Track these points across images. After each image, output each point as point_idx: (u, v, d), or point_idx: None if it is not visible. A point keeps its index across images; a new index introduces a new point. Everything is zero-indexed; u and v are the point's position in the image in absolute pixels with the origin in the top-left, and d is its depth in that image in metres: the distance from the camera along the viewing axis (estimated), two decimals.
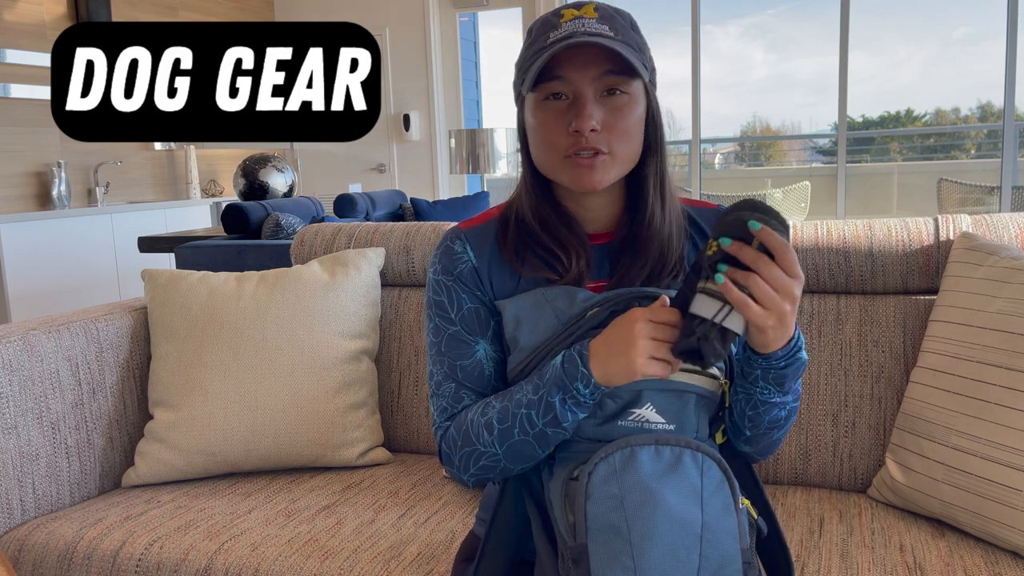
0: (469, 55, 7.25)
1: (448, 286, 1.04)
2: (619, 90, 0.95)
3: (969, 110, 6.42)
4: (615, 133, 0.95)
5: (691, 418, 0.94)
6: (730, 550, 0.85)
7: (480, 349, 1.02)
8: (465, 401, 1.02)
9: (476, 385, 1.02)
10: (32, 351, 1.51)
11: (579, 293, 0.97)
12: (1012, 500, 1.15)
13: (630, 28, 0.97)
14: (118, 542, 1.35)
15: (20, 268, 4.22)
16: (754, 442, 1.00)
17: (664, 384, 0.92)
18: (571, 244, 1.00)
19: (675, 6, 5.71)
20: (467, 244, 1.04)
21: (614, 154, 0.95)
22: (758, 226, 0.82)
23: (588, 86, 0.94)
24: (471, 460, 0.98)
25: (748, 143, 7.63)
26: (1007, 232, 1.43)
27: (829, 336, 1.48)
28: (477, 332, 1.03)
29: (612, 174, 0.96)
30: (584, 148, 0.94)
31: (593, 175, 0.95)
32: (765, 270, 0.82)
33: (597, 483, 0.87)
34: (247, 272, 1.73)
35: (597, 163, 0.95)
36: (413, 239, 1.78)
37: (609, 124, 0.94)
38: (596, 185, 0.95)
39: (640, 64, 0.93)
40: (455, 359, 1.03)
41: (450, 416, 1.03)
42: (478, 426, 0.97)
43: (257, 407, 1.57)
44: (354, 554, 1.27)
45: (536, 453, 0.95)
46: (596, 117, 0.93)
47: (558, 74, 0.94)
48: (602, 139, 0.94)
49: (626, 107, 0.95)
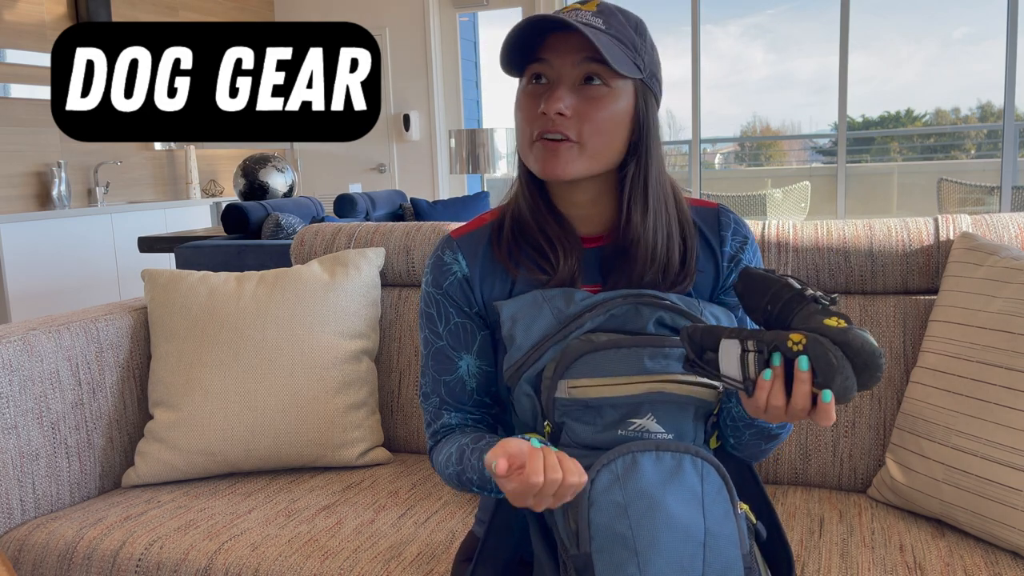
0: (469, 55, 7.25)
1: (437, 299, 1.04)
2: (599, 80, 0.93)
3: (969, 110, 6.42)
4: (587, 122, 0.93)
5: (689, 427, 0.93)
6: (732, 556, 0.85)
7: (463, 365, 1.04)
8: (445, 418, 1.05)
9: (457, 401, 1.05)
10: (32, 351, 1.51)
11: (577, 293, 0.96)
12: (1012, 500, 1.15)
13: (630, 27, 0.95)
14: (118, 542, 1.35)
15: (20, 268, 4.22)
16: (739, 449, 1.00)
17: (666, 396, 0.90)
18: (561, 243, 0.99)
19: (675, 6, 5.71)
20: (458, 253, 1.04)
21: (583, 144, 0.93)
22: (828, 398, 0.74)
23: (568, 71, 0.93)
24: (452, 484, 1.03)
25: (748, 143, 7.63)
26: (1007, 232, 1.43)
27: None
28: (462, 347, 1.04)
29: (579, 165, 0.94)
30: (551, 131, 0.93)
31: (556, 161, 0.93)
32: (802, 403, 0.77)
33: (600, 490, 0.87)
34: (247, 272, 1.73)
35: (561, 149, 0.93)
36: (413, 239, 1.78)
37: (582, 112, 0.93)
38: (559, 172, 0.94)
39: (626, 59, 0.92)
40: (439, 374, 1.05)
41: (433, 434, 1.07)
42: (445, 473, 1.02)
43: (257, 407, 1.57)
44: (354, 554, 1.27)
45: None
46: (566, 102, 0.92)
47: (541, 56, 0.94)
48: (571, 125, 0.93)
49: (604, 99, 0.93)
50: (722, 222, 1.04)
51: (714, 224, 1.04)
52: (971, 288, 1.31)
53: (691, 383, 0.91)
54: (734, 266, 1.03)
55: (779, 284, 0.82)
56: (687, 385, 0.90)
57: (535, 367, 0.94)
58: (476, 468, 0.95)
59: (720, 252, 1.03)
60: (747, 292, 0.84)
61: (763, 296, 0.82)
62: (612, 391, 0.90)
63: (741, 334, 0.79)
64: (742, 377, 0.78)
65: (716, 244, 1.03)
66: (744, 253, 1.03)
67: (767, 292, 0.82)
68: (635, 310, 0.93)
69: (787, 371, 0.77)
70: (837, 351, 0.74)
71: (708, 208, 1.05)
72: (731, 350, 0.79)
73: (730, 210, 1.05)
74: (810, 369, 0.75)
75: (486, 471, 0.92)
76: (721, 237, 1.03)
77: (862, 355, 0.73)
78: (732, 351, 0.79)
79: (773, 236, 1.53)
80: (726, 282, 1.03)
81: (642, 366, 0.89)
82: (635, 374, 0.89)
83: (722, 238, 1.03)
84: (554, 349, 0.93)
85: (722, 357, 0.79)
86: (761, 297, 0.82)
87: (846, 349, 0.74)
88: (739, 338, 0.79)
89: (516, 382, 0.96)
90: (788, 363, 0.77)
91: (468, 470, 0.96)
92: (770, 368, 0.77)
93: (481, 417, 1.06)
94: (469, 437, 1.00)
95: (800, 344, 0.75)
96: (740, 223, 1.05)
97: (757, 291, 0.83)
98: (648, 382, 0.90)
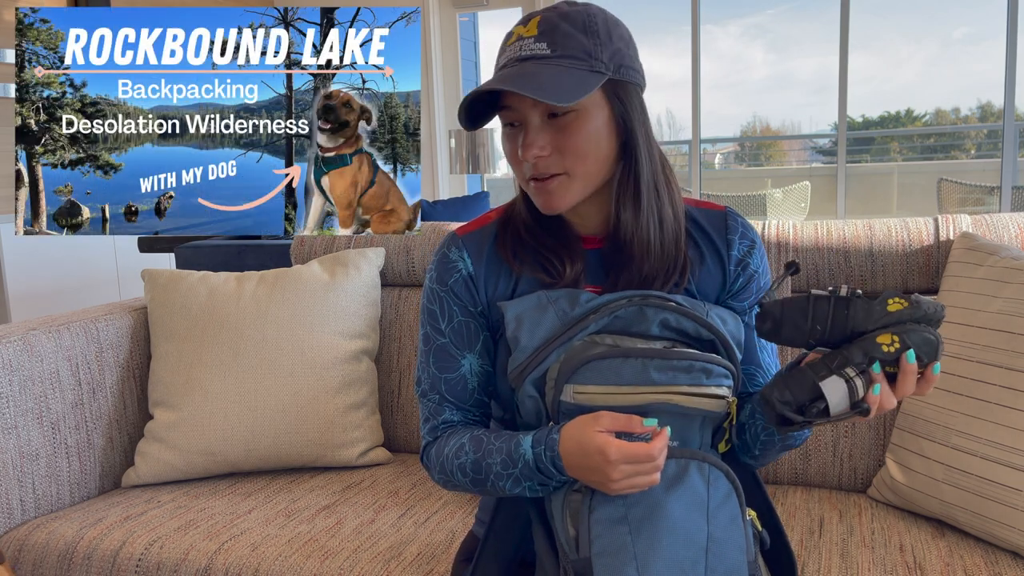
0: (469, 55, 7.25)
1: (441, 296, 1.03)
2: (560, 110, 0.91)
3: (969, 110, 6.42)
4: (567, 154, 0.92)
5: (695, 435, 0.92)
6: (737, 562, 0.85)
7: (465, 364, 1.03)
8: (445, 415, 1.03)
9: (458, 400, 1.03)
10: (32, 351, 1.51)
11: (582, 295, 0.96)
12: (1012, 500, 1.15)
13: (578, 32, 0.91)
14: (118, 542, 1.35)
15: (20, 268, 4.22)
16: (762, 459, 1.00)
17: (672, 407, 0.89)
18: (563, 251, 0.99)
19: (675, 6, 5.71)
20: (464, 251, 1.03)
21: (571, 174, 0.93)
22: (938, 369, 0.76)
23: (531, 112, 0.92)
24: (448, 484, 1.01)
25: (748, 143, 7.63)
26: (1007, 232, 1.43)
27: None
28: (465, 346, 1.03)
29: (574, 193, 0.94)
30: (537, 174, 0.93)
31: (552, 198, 0.94)
32: (911, 389, 0.78)
33: (601, 495, 0.87)
34: (247, 272, 1.73)
35: (553, 186, 0.93)
36: (413, 239, 1.78)
37: (558, 145, 0.92)
38: (559, 207, 0.95)
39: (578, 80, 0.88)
40: (440, 371, 1.03)
41: (432, 430, 1.04)
42: (452, 465, 0.98)
43: (257, 407, 1.57)
44: (354, 554, 1.27)
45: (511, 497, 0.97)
46: (539, 143, 0.91)
47: (505, 104, 0.94)
48: (553, 162, 0.92)
49: (573, 124, 0.91)
50: (730, 226, 1.02)
51: (721, 228, 1.02)
52: (971, 288, 1.31)
53: (698, 395, 0.89)
54: (741, 270, 1.01)
55: (807, 300, 0.80)
56: (694, 397, 0.89)
57: (539, 369, 0.93)
58: (503, 450, 0.93)
59: (727, 256, 1.01)
60: (781, 325, 0.82)
61: (803, 320, 0.80)
62: (618, 399, 0.89)
63: (830, 365, 0.77)
64: (852, 405, 0.77)
65: (723, 248, 1.01)
66: (752, 257, 1.02)
67: (805, 315, 0.80)
68: (640, 311, 0.93)
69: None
70: (928, 329, 0.75)
71: (716, 211, 1.03)
72: (837, 388, 0.77)
73: (738, 213, 1.04)
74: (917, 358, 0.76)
75: (518, 450, 0.91)
76: (728, 241, 1.01)
77: (938, 315, 0.75)
78: (839, 389, 0.77)
79: (773, 236, 1.53)
80: (733, 287, 1.02)
81: (648, 377, 0.88)
82: (641, 384, 0.88)
83: (729, 242, 1.01)
84: (558, 351, 0.93)
85: (831, 400, 0.77)
86: (802, 323, 0.80)
87: (929, 321, 0.75)
88: (833, 370, 0.77)
89: (520, 384, 0.95)
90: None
91: (492, 453, 0.94)
92: (877, 383, 0.77)
93: (480, 417, 1.06)
94: (481, 430, 0.99)
95: (894, 343, 0.75)
96: (748, 227, 1.03)
97: (792, 320, 0.81)
98: (654, 393, 0.89)
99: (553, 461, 0.88)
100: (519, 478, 0.92)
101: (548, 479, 0.90)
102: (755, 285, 1.02)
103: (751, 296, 1.02)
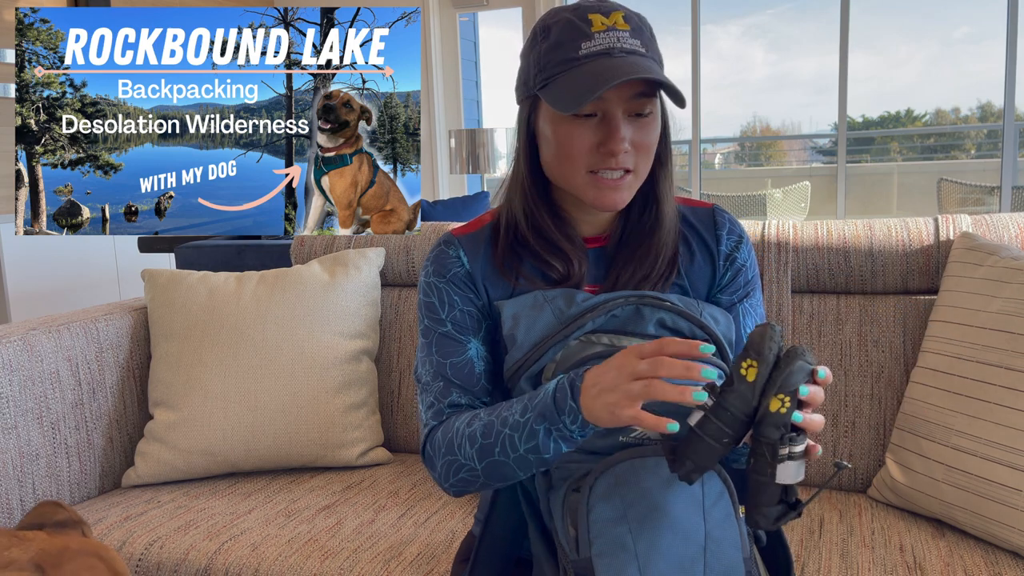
0: (469, 55, 7.25)
1: (440, 288, 1.02)
2: (648, 109, 0.93)
3: (969, 110, 6.42)
4: (640, 152, 0.94)
5: None
6: (734, 559, 0.85)
7: (472, 348, 1.00)
8: (453, 397, 0.99)
9: (466, 383, 0.99)
10: (32, 351, 1.51)
11: (578, 294, 0.96)
12: (1012, 500, 1.15)
13: (652, 37, 0.95)
14: (118, 542, 1.35)
15: (20, 268, 4.22)
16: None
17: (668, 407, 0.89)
18: (567, 250, 0.99)
19: (675, 6, 5.71)
20: (461, 249, 1.03)
21: (637, 172, 0.95)
22: (806, 392, 0.76)
23: (619, 106, 0.92)
24: (451, 470, 0.95)
25: (748, 143, 7.63)
26: (1007, 232, 1.43)
27: (829, 336, 1.48)
28: (469, 332, 1.01)
29: (633, 191, 0.96)
30: (613, 168, 0.93)
31: (618, 195, 0.94)
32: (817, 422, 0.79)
33: (600, 495, 0.86)
34: (247, 272, 1.73)
35: (623, 184, 0.94)
36: (413, 239, 1.78)
37: (637, 143, 0.93)
38: (620, 205, 0.95)
39: (672, 82, 0.91)
40: (445, 357, 1.00)
41: (437, 414, 0.99)
42: (462, 436, 0.93)
43: (257, 407, 1.57)
44: (354, 554, 1.27)
45: (515, 475, 0.91)
46: (627, 138, 0.92)
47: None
48: (629, 159, 0.93)
49: (650, 125, 0.94)
50: (717, 221, 1.05)
51: (709, 224, 1.05)
52: (971, 288, 1.31)
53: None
54: (729, 264, 1.04)
55: (692, 433, 0.79)
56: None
57: (535, 367, 0.94)
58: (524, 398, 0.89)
59: (716, 251, 1.04)
60: (702, 460, 0.79)
61: (710, 445, 0.79)
62: None
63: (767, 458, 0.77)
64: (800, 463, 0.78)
65: (712, 243, 1.04)
66: (739, 252, 1.04)
67: (705, 442, 0.79)
68: (636, 311, 0.93)
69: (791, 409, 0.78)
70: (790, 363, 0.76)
71: (703, 208, 1.06)
72: (788, 469, 0.77)
73: (724, 210, 1.07)
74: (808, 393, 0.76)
75: (543, 387, 0.87)
76: (717, 236, 1.04)
77: (779, 340, 0.77)
78: (788, 468, 0.77)
79: (773, 236, 1.53)
80: (722, 281, 1.04)
81: None
82: None
83: (718, 237, 1.04)
84: (554, 350, 0.93)
85: (794, 480, 0.78)
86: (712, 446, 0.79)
87: (780, 352, 0.77)
88: (772, 461, 0.77)
89: (516, 382, 0.95)
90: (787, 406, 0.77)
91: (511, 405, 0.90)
92: (803, 430, 0.77)
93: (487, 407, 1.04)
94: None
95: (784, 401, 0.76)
96: (735, 222, 1.06)
97: (703, 451, 0.79)
98: None
99: (573, 382, 0.84)
100: (533, 427, 0.86)
101: (559, 414, 0.84)
102: (742, 278, 1.05)
103: (739, 289, 1.05)
